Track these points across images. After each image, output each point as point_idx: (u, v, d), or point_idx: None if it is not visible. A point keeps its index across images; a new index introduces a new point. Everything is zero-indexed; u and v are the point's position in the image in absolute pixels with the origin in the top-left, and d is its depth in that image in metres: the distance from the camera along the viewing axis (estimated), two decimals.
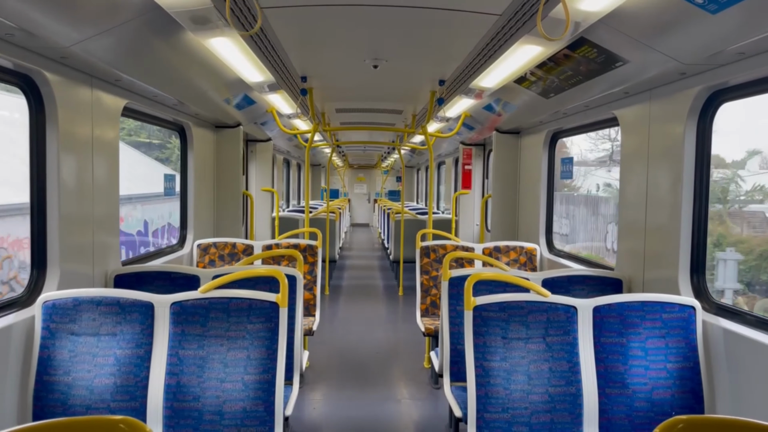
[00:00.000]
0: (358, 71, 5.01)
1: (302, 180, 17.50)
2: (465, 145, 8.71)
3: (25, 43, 2.78)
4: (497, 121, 6.41)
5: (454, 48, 4.14)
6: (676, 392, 2.90)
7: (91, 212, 3.63)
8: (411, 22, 3.54)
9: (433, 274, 5.36)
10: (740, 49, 2.68)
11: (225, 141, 6.47)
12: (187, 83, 4.39)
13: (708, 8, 2.39)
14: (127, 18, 2.84)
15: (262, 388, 2.81)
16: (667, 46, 2.92)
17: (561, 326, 2.93)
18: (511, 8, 3.12)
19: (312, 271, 5.16)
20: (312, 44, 4.20)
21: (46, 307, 2.84)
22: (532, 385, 2.87)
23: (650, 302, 2.99)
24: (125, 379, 2.81)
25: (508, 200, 6.80)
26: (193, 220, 5.74)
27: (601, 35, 3.11)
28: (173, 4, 2.71)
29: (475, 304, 2.91)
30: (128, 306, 2.87)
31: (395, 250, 10.42)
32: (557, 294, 3.07)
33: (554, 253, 5.76)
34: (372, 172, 26.34)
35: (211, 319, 2.86)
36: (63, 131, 3.24)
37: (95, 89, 3.60)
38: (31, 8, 2.39)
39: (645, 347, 2.94)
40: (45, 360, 2.79)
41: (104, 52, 3.12)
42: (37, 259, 3.21)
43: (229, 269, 3.82)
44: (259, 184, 8.38)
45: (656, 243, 3.70)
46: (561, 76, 4.03)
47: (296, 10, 3.30)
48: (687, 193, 3.42)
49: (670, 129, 3.52)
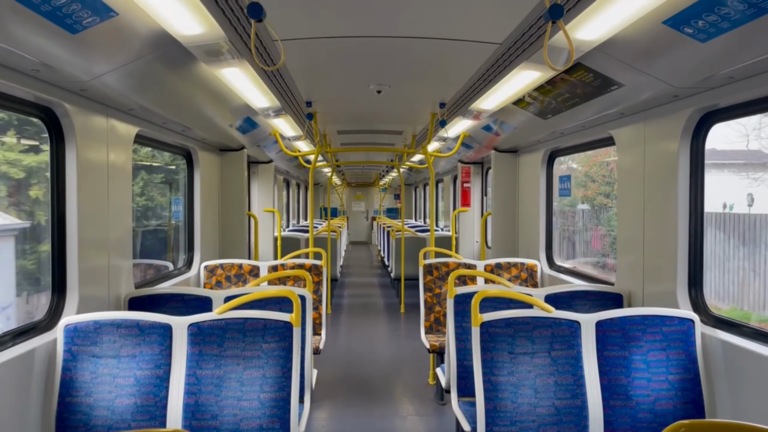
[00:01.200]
0: (361, 96, 5.16)
1: (301, 199, 17.63)
2: (463, 163, 8.85)
3: (47, 78, 2.91)
4: (495, 140, 6.56)
5: (455, 73, 4.29)
6: (678, 403, 3.00)
7: (107, 236, 3.74)
8: (413, 51, 3.69)
9: (436, 291, 5.45)
10: (729, 73, 2.82)
11: (229, 164, 6.60)
12: (195, 110, 4.53)
13: (697, 37, 2.53)
14: (143, 53, 2.98)
15: (277, 405, 2.90)
16: (659, 70, 3.07)
17: (565, 341, 3.03)
18: (512, 37, 3.27)
19: (317, 291, 5.25)
20: (318, 72, 4.35)
21: (67, 330, 2.93)
22: (538, 398, 2.96)
23: (651, 316, 3.10)
24: (145, 399, 2.89)
25: (507, 217, 6.93)
26: (200, 242, 5.84)
27: (596, 60, 3.25)
28: (191, 40, 2.84)
29: (482, 321, 3.01)
30: (147, 328, 2.97)
31: (396, 268, 10.51)
32: (560, 309, 3.18)
33: (554, 269, 5.87)
34: (370, 190, 26.49)
35: (228, 339, 2.95)
36: (81, 159, 3.36)
37: (110, 118, 3.73)
38: (57, 46, 2.52)
39: (647, 360, 3.04)
40: (67, 382, 2.88)
41: (120, 84, 3.25)
42: (58, 284, 3.32)
43: (240, 291, 3.92)
44: (261, 205, 8.50)
45: (654, 258, 3.82)
46: (558, 98, 4.18)
47: (304, 41, 3.44)
48: (682, 209, 3.55)
49: (665, 148, 3.66)
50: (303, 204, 17.94)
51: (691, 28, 2.47)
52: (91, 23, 2.40)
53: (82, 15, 2.31)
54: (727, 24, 2.33)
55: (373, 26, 3.22)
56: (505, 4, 2.84)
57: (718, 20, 2.34)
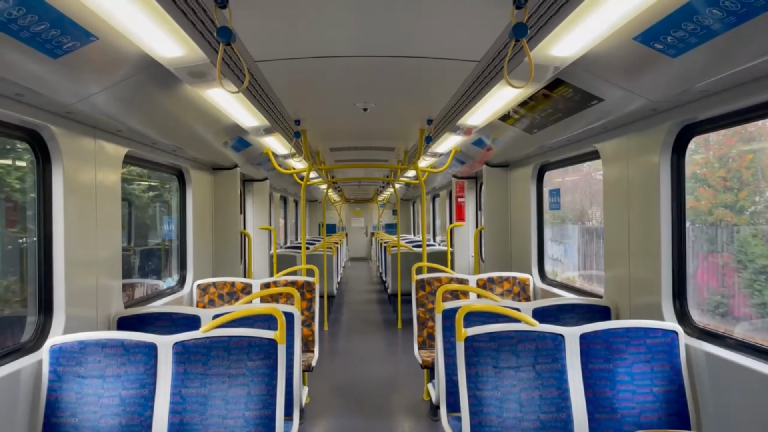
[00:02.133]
0: (348, 114, 5.21)
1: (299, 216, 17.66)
2: (457, 178, 8.90)
3: (32, 101, 2.96)
4: (487, 155, 6.60)
5: (439, 90, 4.34)
6: (663, 415, 3.00)
7: (95, 256, 3.77)
8: (397, 70, 3.74)
9: (429, 306, 5.45)
10: (704, 87, 2.86)
11: (222, 182, 6.64)
12: (185, 130, 4.58)
13: (668, 53, 2.58)
14: (128, 74, 3.03)
15: (262, 423, 2.91)
16: (636, 85, 3.12)
17: (549, 354, 3.04)
18: (488, 56, 3.33)
19: (310, 308, 5.26)
20: (304, 91, 4.40)
21: (53, 351, 2.95)
22: (523, 412, 2.96)
23: (634, 328, 3.11)
24: (130, 419, 2.90)
25: (500, 232, 6.95)
26: (193, 261, 5.87)
27: (575, 75, 3.30)
28: (173, 62, 2.89)
29: (467, 335, 3.02)
30: (132, 347, 2.98)
31: (392, 284, 10.51)
32: (548, 323, 3.19)
33: (547, 283, 5.88)
34: (369, 206, 26.54)
35: (213, 357, 2.97)
36: (68, 180, 3.40)
37: (98, 139, 3.77)
38: (39, 70, 2.56)
39: (631, 372, 3.05)
40: (53, 402, 2.89)
41: (107, 106, 3.30)
42: (44, 304, 3.34)
43: (228, 309, 3.94)
44: (256, 223, 8.53)
45: (640, 270, 3.84)
46: (543, 114, 4.23)
47: (287, 62, 3.50)
48: (665, 221, 3.57)
49: (647, 161, 3.70)
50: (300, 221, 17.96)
51: (660, 43, 2.51)
52: (71, 48, 2.45)
53: (62, 40, 2.36)
54: (695, 39, 2.38)
55: (356, 46, 3.27)
56: (481, 23, 2.89)
57: (686, 36, 2.38)
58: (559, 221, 8.07)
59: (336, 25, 2.99)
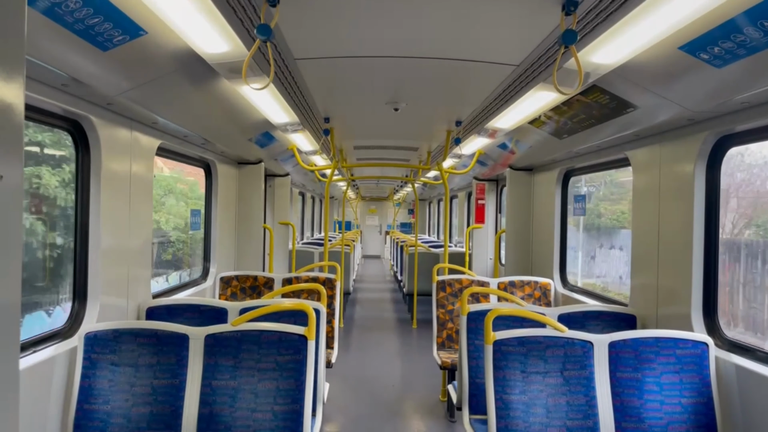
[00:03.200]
0: (378, 113, 5.23)
1: (316, 213, 17.73)
2: (478, 180, 8.89)
3: (76, 92, 3.00)
4: (510, 158, 6.59)
5: (471, 93, 4.34)
6: (691, 427, 2.99)
7: (128, 246, 3.82)
8: (431, 71, 3.75)
9: (449, 308, 5.46)
10: (745, 99, 2.84)
11: (247, 177, 6.69)
12: (215, 124, 4.62)
13: (714, 63, 2.56)
14: (169, 69, 3.06)
15: (290, 418, 2.93)
16: (675, 94, 3.10)
17: (578, 361, 3.04)
18: (529, 60, 3.33)
19: (331, 304, 5.29)
20: (336, 89, 4.43)
21: (87, 338, 3.00)
22: (550, 418, 2.97)
23: (664, 338, 3.10)
24: (161, 408, 2.94)
25: (522, 235, 6.94)
26: (216, 254, 5.92)
27: (612, 83, 3.29)
28: (215, 58, 2.93)
29: (495, 339, 3.03)
30: (165, 338, 3.02)
31: (409, 283, 10.52)
32: (573, 329, 3.19)
33: (568, 288, 5.87)
34: (384, 204, 26.56)
35: (243, 350, 3.00)
36: (105, 170, 3.45)
37: (134, 131, 3.82)
38: (87, 62, 2.61)
39: (660, 382, 3.04)
40: (86, 389, 2.94)
41: (145, 99, 3.34)
42: (79, 292, 3.39)
43: (256, 303, 3.97)
44: (277, 218, 8.58)
45: (669, 280, 3.82)
46: (574, 119, 4.22)
47: (323, 60, 3.52)
48: (698, 232, 3.55)
49: (681, 170, 3.68)
50: (318, 217, 18.04)
51: (707, 54, 2.50)
52: (121, 41, 2.48)
53: (114, 33, 2.40)
54: (743, 51, 2.36)
55: (392, 47, 3.28)
56: (523, 28, 2.89)
57: (734, 47, 2.37)
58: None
59: (377, 26, 3.01)
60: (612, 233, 7.42)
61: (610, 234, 7.44)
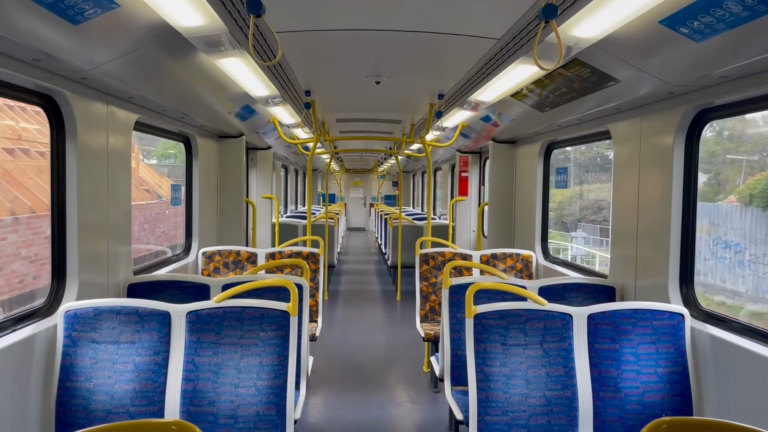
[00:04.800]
0: (360, 86, 5.18)
1: (300, 185, 17.65)
2: (461, 152, 8.88)
3: (49, 67, 2.93)
4: (493, 131, 6.58)
5: (453, 66, 4.31)
6: (666, 395, 3.07)
7: (106, 222, 3.78)
8: (412, 44, 3.71)
9: (432, 280, 5.51)
10: (724, 73, 2.85)
11: (228, 151, 6.62)
12: (194, 97, 4.55)
13: (693, 37, 2.56)
14: (144, 42, 2.99)
15: (274, 392, 2.96)
16: (655, 68, 3.10)
17: (557, 333, 3.09)
18: (510, 33, 3.30)
19: (314, 278, 5.30)
20: (317, 63, 4.37)
21: (68, 317, 2.98)
22: (530, 389, 3.03)
23: (641, 310, 3.16)
24: (144, 385, 2.95)
25: (504, 208, 6.97)
26: (198, 229, 5.88)
27: (593, 56, 3.28)
28: (191, 31, 2.86)
29: (476, 312, 3.06)
30: (146, 315, 3.02)
31: (393, 255, 10.57)
32: (553, 301, 3.24)
33: (549, 260, 5.93)
34: (368, 177, 26.51)
35: (226, 327, 3.00)
36: (81, 145, 3.39)
37: (110, 105, 3.75)
38: (59, 36, 2.54)
39: (637, 353, 3.10)
40: (67, 367, 2.94)
41: (121, 73, 3.27)
42: (57, 270, 3.36)
43: (237, 278, 3.97)
44: (259, 192, 8.53)
45: (647, 252, 3.88)
46: (555, 92, 4.21)
47: (303, 33, 3.46)
48: (676, 204, 3.59)
49: (660, 143, 3.70)
50: (301, 190, 17.97)
51: (686, 28, 2.50)
52: (92, 14, 2.42)
53: (84, 6, 2.33)
54: (723, 25, 2.36)
55: (373, 20, 3.24)
56: (503, 1, 2.86)
57: (713, 21, 2.37)
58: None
59: None
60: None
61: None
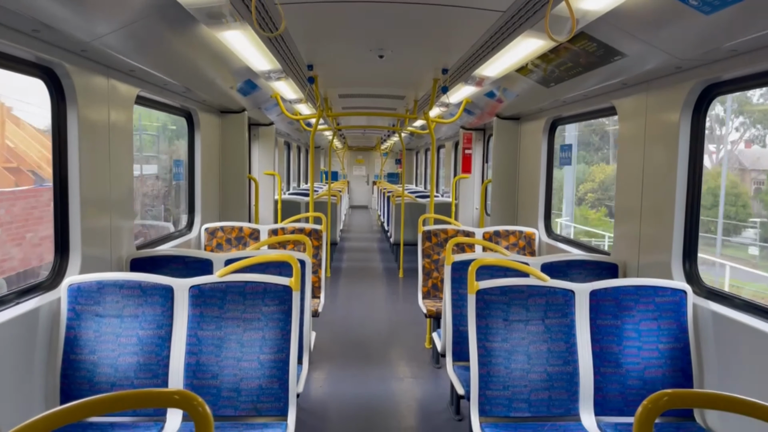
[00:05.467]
0: (363, 60, 5.12)
1: (302, 162, 17.60)
2: (465, 129, 8.82)
3: (48, 39, 2.89)
4: (497, 107, 6.52)
5: (458, 39, 4.25)
6: (667, 371, 3.08)
7: (108, 196, 3.77)
8: (416, 16, 3.65)
9: (434, 257, 5.51)
10: (733, 46, 2.81)
11: (230, 126, 6.58)
12: (195, 71, 4.51)
13: (702, 9, 2.51)
14: (144, 14, 2.95)
15: (276, 366, 2.98)
16: (663, 42, 3.05)
17: (559, 309, 3.09)
18: (516, 5, 3.24)
19: (317, 255, 5.31)
20: (319, 35, 4.31)
21: (71, 290, 2.99)
22: (531, 364, 3.04)
23: (644, 286, 3.15)
24: (147, 358, 2.97)
25: (507, 185, 6.94)
26: (201, 204, 5.88)
27: (599, 30, 3.23)
28: (192, 2, 2.82)
29: (478, 288, 3.06)
30: (149, 289, 3.03)
31: (395, 233, 10.57)
32: (556, 278, 3.23)
33: (552, 238, 5.92)
34: (371, 154, 26.41)
35: (228, 301, 3.02)
36: (82, 119, 3.37)
37: (111, 79, 3.72)
38: (59, 7, 2.50)
39: (638, 329, 3.11)
40: (71, 340, 2.95)
41: (122, 45, 3.23)
42: (60, 244, 3.36)
43: (240, 254, 3.97)
44: (262, 168, 8.50)
45: (651, 229, 3.86)
46: (561, 67, 4.16)
47: (306, 5, 3.41)
48: (681, 181, 3.57)
49: (666, 119, 3.66)
50: (303, 167, 17.93)
51: (696, 0, 2.45)
52: None
53: None
54: None
55: None
56: None
57: None
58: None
59: None
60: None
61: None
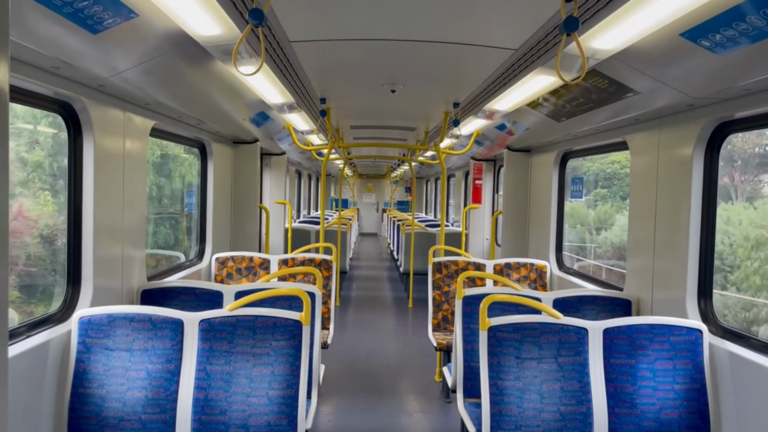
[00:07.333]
0: (375, 94, 5.17)
1: (312, 190, 17.68)
2: (476, 160, 8.85)
3: (67, 74, 2.95)
4: (508, 139, 6.55)
5: (469, 75, 4.29)
6: (684, 413, 3.01)
7: (122, 227, 3.80)
8: (429, 54, 3.70)
9: (444, 289, 5.47)
10: (746, 86, 2.81)
11: (243, 156, 6.64)
12: (210, 104, 4.57)
13: (714, 50, 2.52)
14: (162, 51, 3.01)
15: (285, 402, 2.95)
16: (675, 80, 3.06)
17: (572, 347, 3.05)
18: (528, 44, 3.27)
19: (327, 285, 5.29)
20: (332, 71, 4.37)
21: (82, 323, 2.99)
22: (544, 403, 2.99)
23: (659, 325, 3.11)
24: (156, 393, 2.95)
25: (518, 217, 6.92)
26: (212, 234, 5.90)
27: (611, 67, 3.24)
28: (208, 40, 2.87)
29: (490, 325, 3.03)
30: (159, 322, 3.02)
31: (405, 262, 10.54)
32: (567, 313, 3.20)
33: (564, 271, 5.88)
34: (381, 182, 26.50)
35: (238, 335, 3.00)
36: (98, 151, 3.41)
37: (127, 112, 3.77)
38: (77, 45, 2.55)
39: (653, 368, 3.05)
40: (80, 373, 2.94)
41: (138, 80, 3.29)
42: (72, 275, 3.37)
43: (251, 286, 3.96)
44: (273, 197, 8.55)
45: (664, 265, 3.82)
46: (572, 102, 4.17)
47: (320, 43, 3.46)
48: (695, 218, 3.54)
49: (679, 155, 3.65)
50: (314, 195, 18.01)
51: (708, 41, 2.46)
52: (111, 24, 2.43)
53: (104, 16, 2.34)
54: (746, 39, 2.32)
55: (388, 30, 3.23)
56: (522, 13, 2.84)
57: (736, 35, 2.33)
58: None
59: (372, 9, 2.95)
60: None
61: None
